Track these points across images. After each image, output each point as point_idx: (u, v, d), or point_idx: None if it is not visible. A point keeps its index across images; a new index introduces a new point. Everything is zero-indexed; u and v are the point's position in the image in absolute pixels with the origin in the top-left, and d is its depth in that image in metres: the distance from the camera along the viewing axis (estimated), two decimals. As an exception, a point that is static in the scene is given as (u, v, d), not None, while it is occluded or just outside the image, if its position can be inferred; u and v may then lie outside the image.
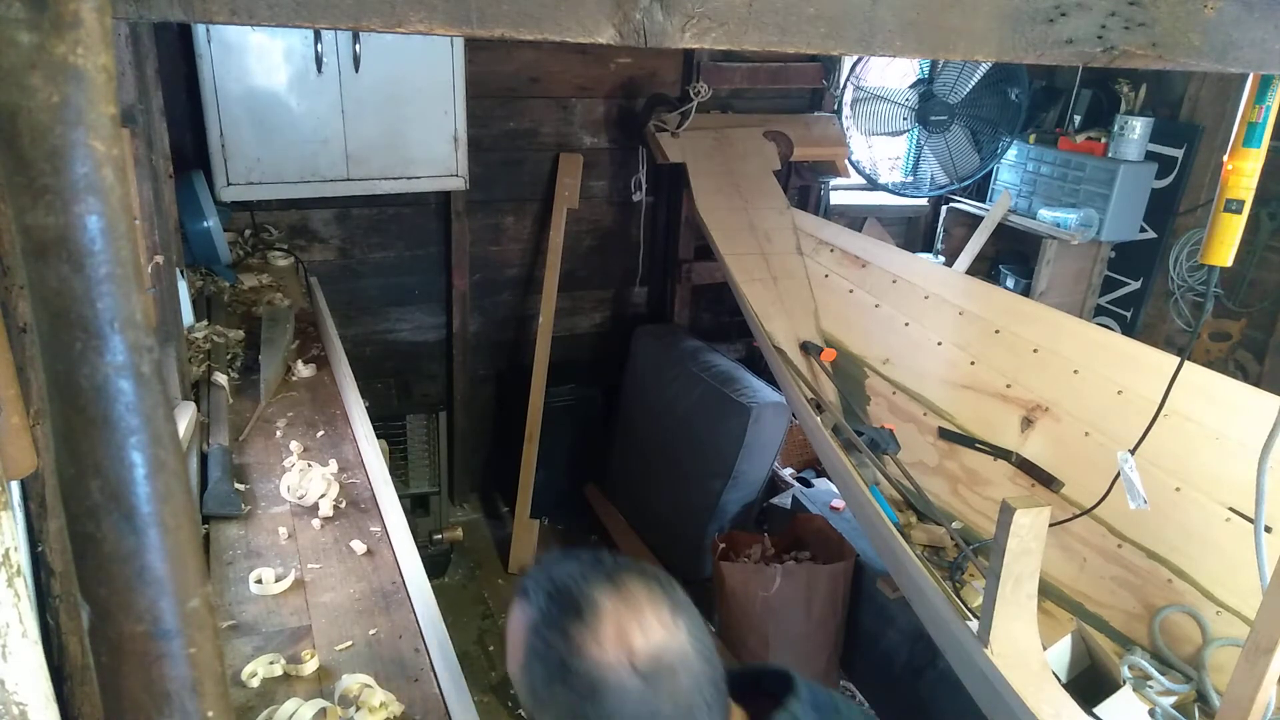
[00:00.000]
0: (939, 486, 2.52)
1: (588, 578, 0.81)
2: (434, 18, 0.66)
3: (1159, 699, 1.81)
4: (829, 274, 2.95)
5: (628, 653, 0.77)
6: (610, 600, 0.79)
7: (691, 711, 0.79)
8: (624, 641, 0.77)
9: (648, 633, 0.78)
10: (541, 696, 0.81)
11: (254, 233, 2.90)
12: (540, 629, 0.80)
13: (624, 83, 3.29)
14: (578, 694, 0.78)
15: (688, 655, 0.80)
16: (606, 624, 0.78)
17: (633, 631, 0.78)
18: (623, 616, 0.79)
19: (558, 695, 0.79)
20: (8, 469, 0.59)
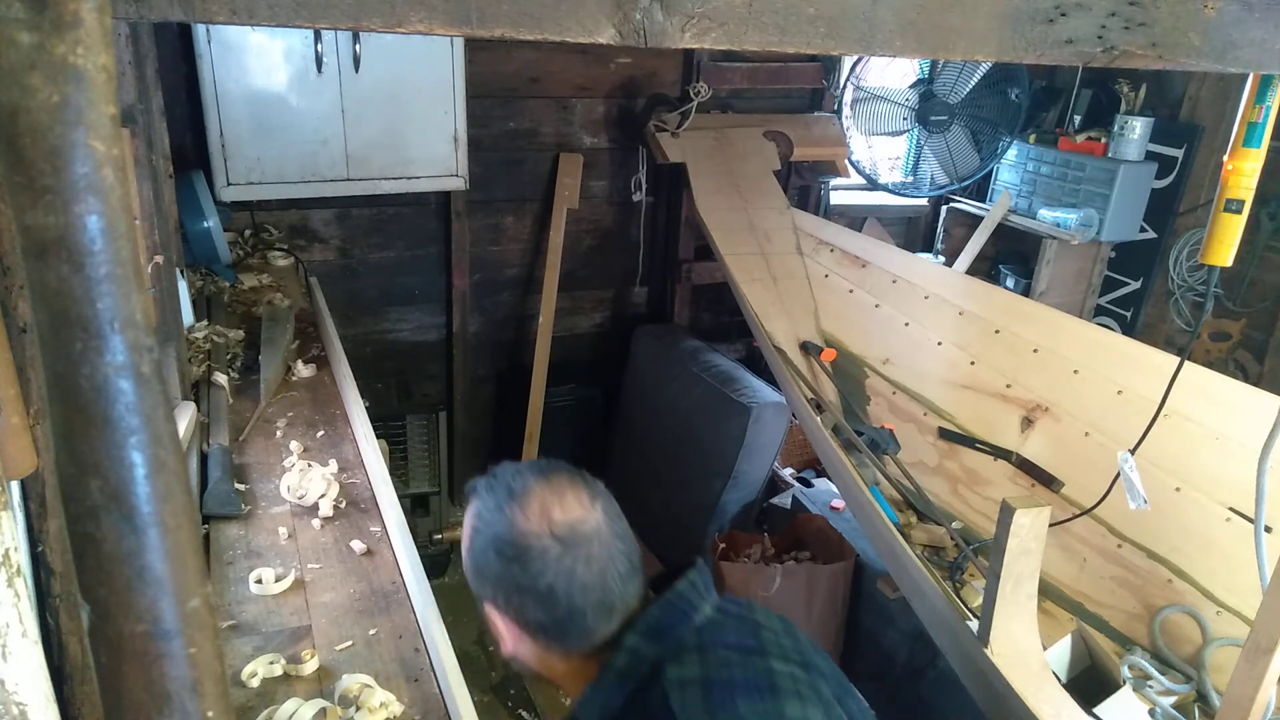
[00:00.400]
0: (939, 486, 2.52)
1: (522, 472, 0.98)
2: (434, 18, 0.66)
3: (1159, 699, 1.81)
4: (829, 274, 2.95)
5: (548, 523, 0.92)
6: (538, 485, 0.95)
7: (604, 575, 0.93)
8: (546, 514, 0.93)
9: (566, 509, 0.94)
10: (481, 568, 0.97)
11: (254, 233, 2.90)
12: (481, 511, 0.97)
13: (624, 83, 3.29)
14: (508, 559, 0.93)
15: (601, 530, 0.94)
16: (532, 501, 0.94)
17: (553, 507, 0.93)
18: (546, 496, 0.94)
19: (493, 564, 0.95)
20: (8, 469, 0.59)
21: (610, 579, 0.94)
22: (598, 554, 0.94)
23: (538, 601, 0.94)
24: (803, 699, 0.91)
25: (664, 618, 0.96)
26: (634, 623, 0.96)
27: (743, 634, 0.98)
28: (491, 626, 1.01)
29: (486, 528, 0.96)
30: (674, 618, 0.96)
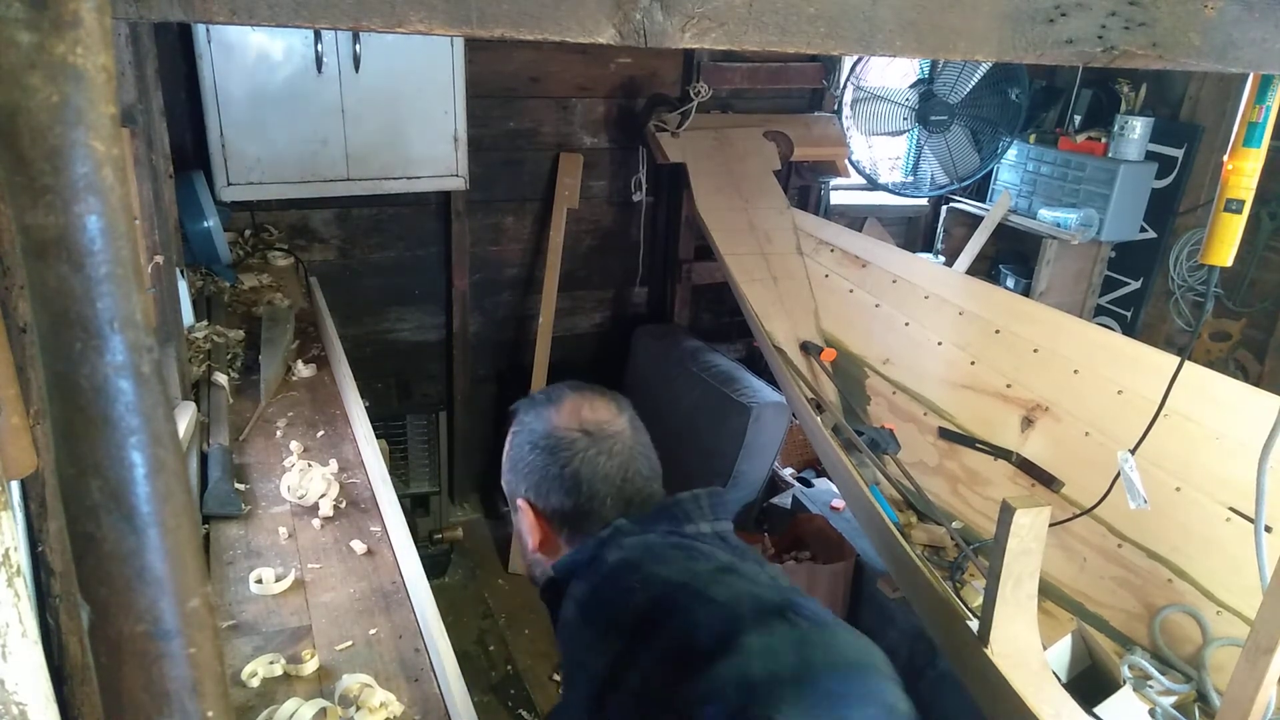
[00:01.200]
0: (939, 486, 2.52)
1: (559, 387, 1.10)
2: (434, 18, 0.66)
3: (1159, 699, 1.81)
4: (829, 274, 2.95)
5: (579, 420, 1.05)
6: (572, 394, 1.08)
7: (625, 469, 1.04)
8: (577, 413, 1.06)
9: (595, 410, 1.07)
10: (516, 462, 1.08)
11: (254, 233, 2.90)
12: (522, 418, 1.09)
13: (624, 83, 3.29)
14: (541, 450, 1.05)
15: (626, 433, 1.06)
16: (566, 404, 1.07)
17: (584, 408, 1.06)
18: (578, 401, 1.07)
19: (527, 456, 1.06)
20: (8, 469, 0.59)
21: (631, 473, 1.05)
22: (620, 450, 1.05)
23: (563, 488, 1.04)
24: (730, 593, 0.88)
25: (658, 513, 1.05)
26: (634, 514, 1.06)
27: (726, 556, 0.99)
28: (518, 529, 1.10)
29: (524, 429, 1.08)
30: (666, 517, 1.04)
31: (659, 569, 0.93)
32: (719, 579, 0.90)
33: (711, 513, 1.05)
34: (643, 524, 1.02)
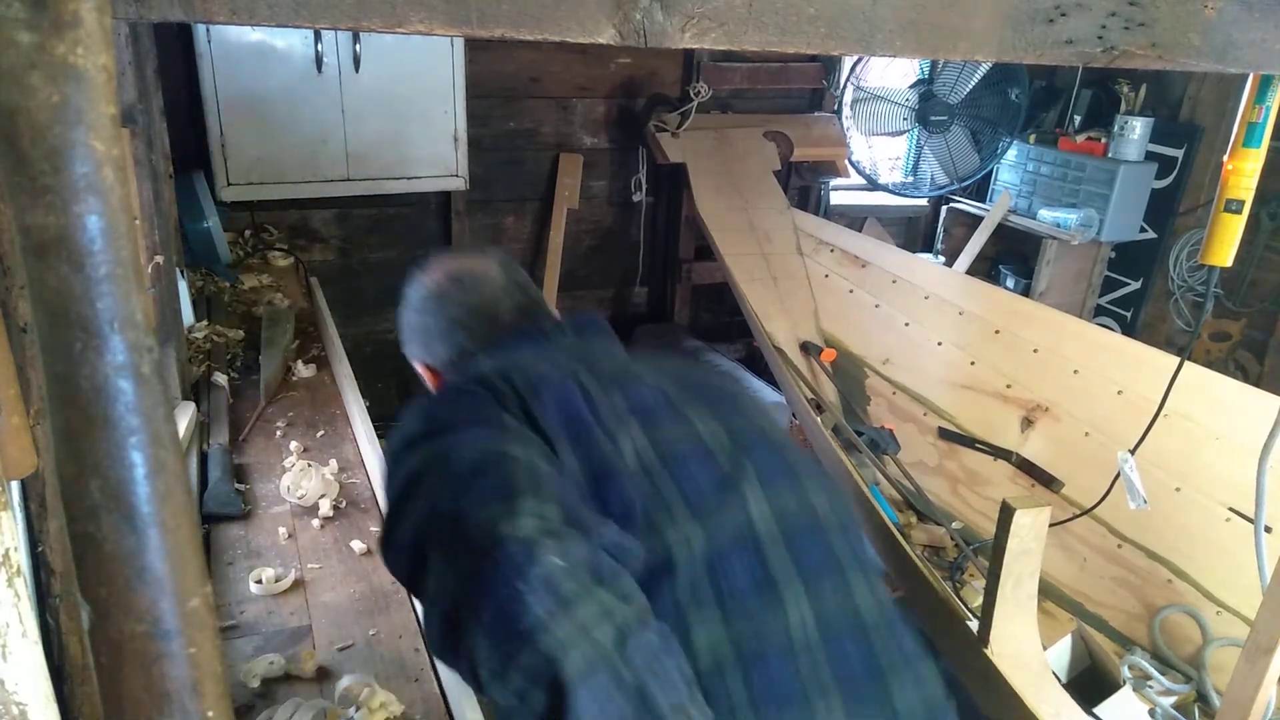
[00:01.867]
0: (939, 486, 2.52)
1: (429, 255, 1.19)
2: (434, 18, 0.66)
3: (1159, 699, 1.81)
4: (829, 274, 2.95)
5: (444, 271, 1.15)
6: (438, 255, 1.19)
7: (495, 307, 1.11)
8: (443, 267, 1.16)
9: (460, 261, 1.17)
10: (407, 333, 1.19)
11: (254, 233, 2.90)
12: (403, 294, 1.19)
13: (624, 83, 3.29)
14: (419, 311, 1.16)
15: (493, 277, 1.13)
16: (433, 265, 1.17)
17: (450, 262, 1.16)
18: (445, 260, 1.18)
19: (411, 321, 1.17)
20: (8, 469, 0.59)
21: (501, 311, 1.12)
22: (489, 292, 1.13)
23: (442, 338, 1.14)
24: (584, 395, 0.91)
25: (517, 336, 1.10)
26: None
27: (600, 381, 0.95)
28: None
29: (405, 301, 1.18)
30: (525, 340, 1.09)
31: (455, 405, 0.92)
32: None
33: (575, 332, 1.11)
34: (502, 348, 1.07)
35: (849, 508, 1.04)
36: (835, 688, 0.85)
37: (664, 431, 0.91)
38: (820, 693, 0.84)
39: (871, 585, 0.96)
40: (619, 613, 0.69)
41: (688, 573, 0.82)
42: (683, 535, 0.84)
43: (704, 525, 0.86)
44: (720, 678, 0.80)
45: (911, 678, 0.91)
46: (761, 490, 0.92)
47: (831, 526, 0.96)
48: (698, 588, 0.83)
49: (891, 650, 0.92)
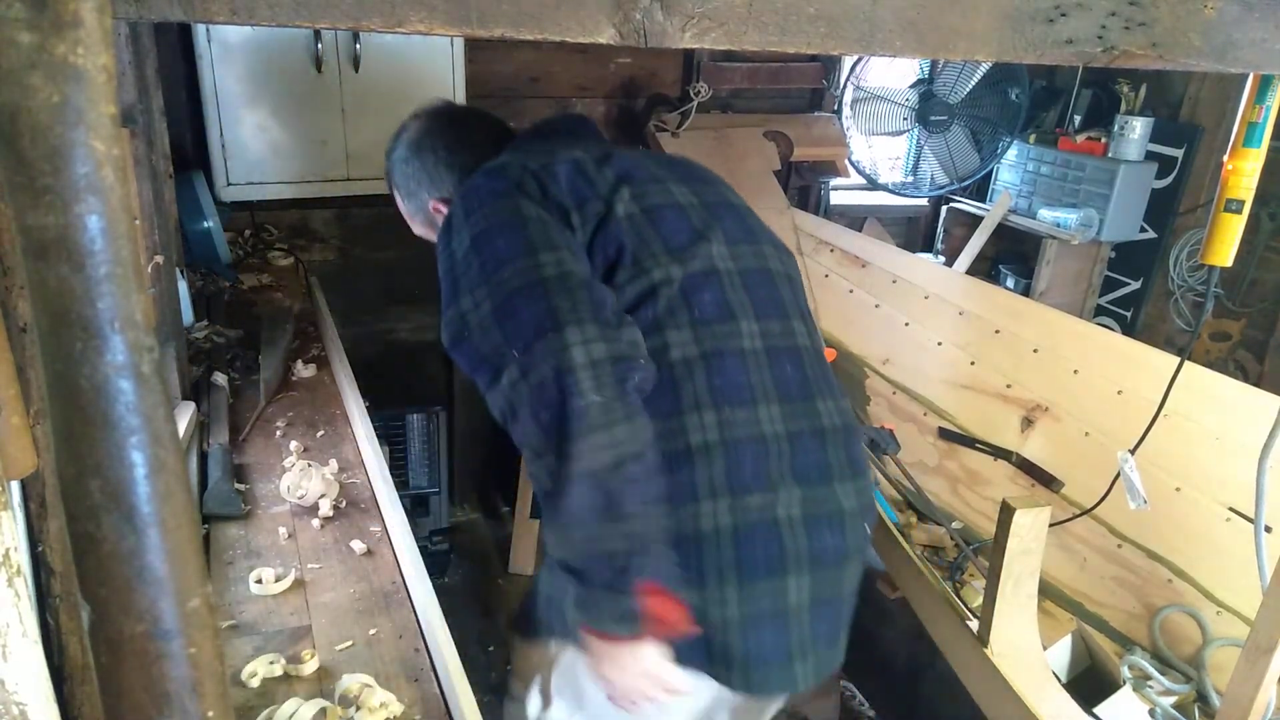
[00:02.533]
0: (939, 486, 2.52)
1: None
2: (434, 18, 0.66)
3: (1159, 699, 1.81)
4: (829, 274, 2.95)
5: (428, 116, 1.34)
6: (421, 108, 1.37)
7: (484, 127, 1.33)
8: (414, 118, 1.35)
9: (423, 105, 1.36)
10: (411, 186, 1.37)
11: (254, 233, 2.90)
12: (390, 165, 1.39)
13: (624, 83, 3.29)
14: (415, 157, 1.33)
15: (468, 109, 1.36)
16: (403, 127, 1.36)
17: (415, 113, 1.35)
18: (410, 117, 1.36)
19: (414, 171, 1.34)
20: (8, 469, 0.59)
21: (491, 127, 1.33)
22: (472, 119, 1.35)
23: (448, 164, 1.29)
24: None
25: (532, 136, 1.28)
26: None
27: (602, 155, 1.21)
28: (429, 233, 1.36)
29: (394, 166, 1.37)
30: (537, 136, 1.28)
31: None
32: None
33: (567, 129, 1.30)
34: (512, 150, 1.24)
35: (796, 267, 1.31)
36: (775, 396, 1.11)
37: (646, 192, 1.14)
38: (764, 397, 1.10)
39: (809, 329, 1.23)
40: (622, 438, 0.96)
41: (666, 298, 1.08)
42: (664, 271, 1.08)
43: (679, 264, 1.10)
44: (689, 375, 1.06)
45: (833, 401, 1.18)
46: (726, 244, 1.17)
47: (780, 279, 1.23)
48: (674, 310, 1.08)
49: (819, 377, 1.19)
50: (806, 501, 1.09)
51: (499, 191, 1.10)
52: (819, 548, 1.10)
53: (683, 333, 1.07)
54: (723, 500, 1.04)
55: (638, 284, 1.07)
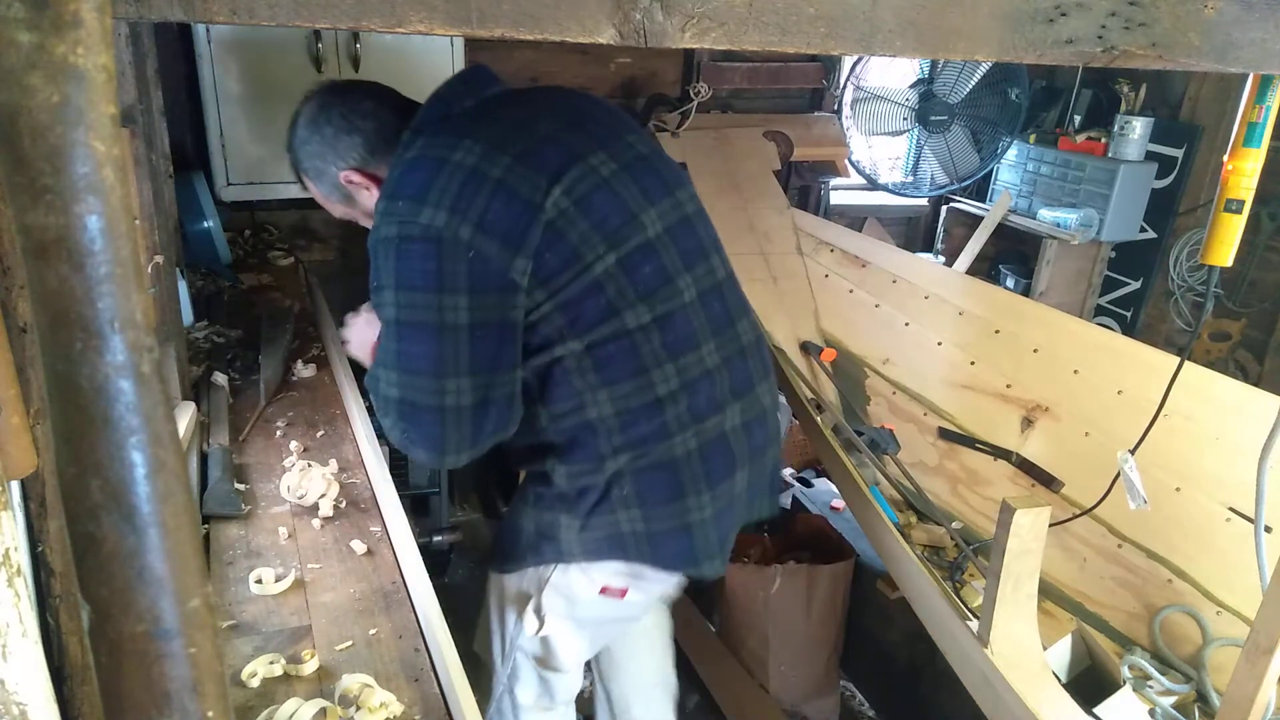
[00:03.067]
0: (939, 486, 2.52)
1: None
2: (434, 18, 0.66)
3: (1159, 699, 1.81)
4: (829, 274, 2.95)
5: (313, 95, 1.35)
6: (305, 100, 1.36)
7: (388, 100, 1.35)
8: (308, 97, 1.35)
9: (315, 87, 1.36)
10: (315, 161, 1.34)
11: (254, 233, 2.90)
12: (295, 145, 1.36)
13: (624, 83, 3.29)
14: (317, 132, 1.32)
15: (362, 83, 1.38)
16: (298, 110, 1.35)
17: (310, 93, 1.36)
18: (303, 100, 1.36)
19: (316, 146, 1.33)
20: (8, 469, 0.59)
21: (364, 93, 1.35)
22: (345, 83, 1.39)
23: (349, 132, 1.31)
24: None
25: (426, 113, 1.29)
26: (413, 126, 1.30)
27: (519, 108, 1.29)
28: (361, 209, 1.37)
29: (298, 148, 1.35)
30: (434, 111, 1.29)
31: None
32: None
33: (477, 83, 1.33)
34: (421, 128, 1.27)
35: (694, 190, 1.41)
36: (710, 332, 1.32)
37: (573, 184, 1.21)
38: (704, 338, 1.30)
39: (721, 258, 1.42)
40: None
41: (612, 285, 1.22)
42: (604, 261, 1.22)
43: (616, 249, 1.23)
44: (646, 340, 1.24)
45: (746, 318, 1.44)
46: (652, 208, 1.28)
47: (695, 220, 1.36)
48: (623, 292, 1.23)
49: (735, 301, 1.41)
50: (743, 411, 1.35)
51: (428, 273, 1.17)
52: (754, 444, 1.37)
53: (635, 308, 1.24)
54: (689, 430, 1.28)
55: (583, 280, 1.21)
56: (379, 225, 1.20)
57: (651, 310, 1.25)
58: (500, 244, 1.16)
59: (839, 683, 2.65)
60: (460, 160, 1.18)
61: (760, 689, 2.53)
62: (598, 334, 1.24)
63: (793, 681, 2.54)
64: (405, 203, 1.17)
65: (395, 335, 1.19)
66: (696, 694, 2.59)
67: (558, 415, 1.27)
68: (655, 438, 1.27)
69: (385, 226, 1.18)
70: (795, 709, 2.54)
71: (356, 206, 1.38)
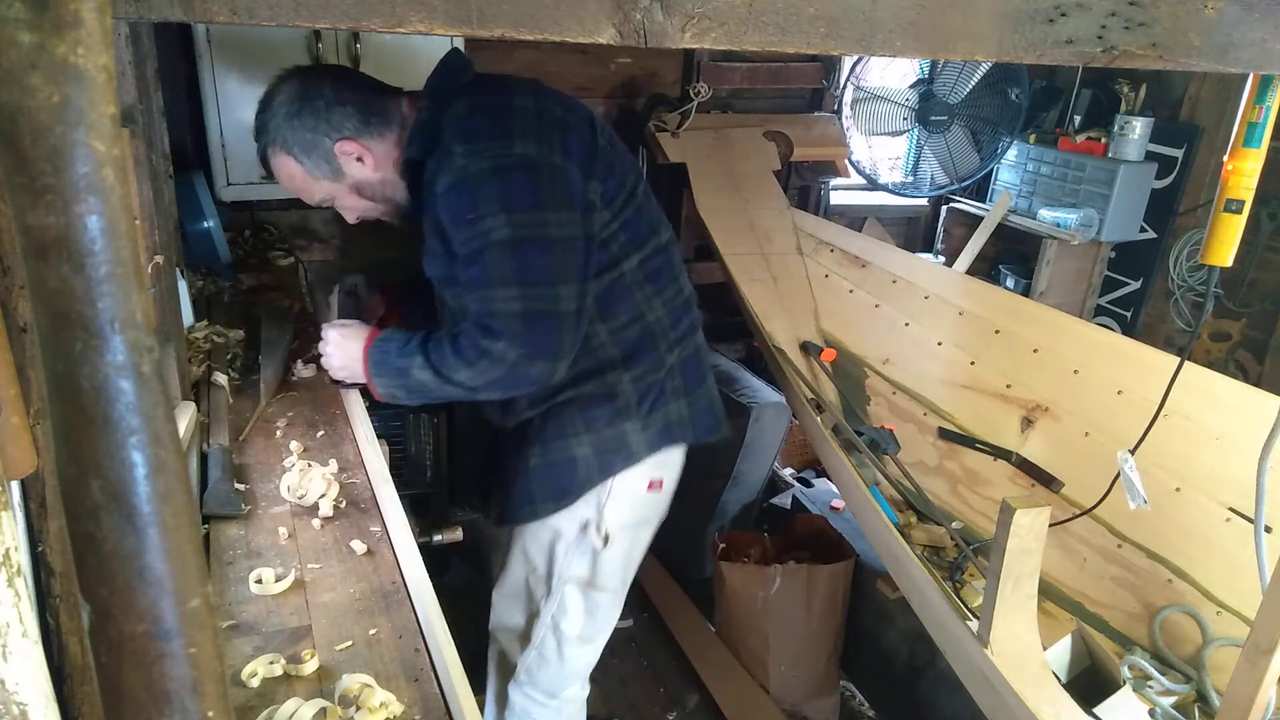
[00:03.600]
0: (939, 486, 2.52)
1: None
2: (434, 18, 0.66)
3: (1159, 699, 1.81)
4: (829, 274, 2.95)
5: (293, 72, 1.43)
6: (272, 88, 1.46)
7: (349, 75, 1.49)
8: (278, 79, 1.44)
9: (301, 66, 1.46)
10: (306, 137, 1.42)
11: (254, 233, 2.90)
12: (269, 127, 1.45)
13: (624, 83, 3.29)
14: (304, 106, 1.39)
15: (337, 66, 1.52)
16: (270, 94, 1.44)
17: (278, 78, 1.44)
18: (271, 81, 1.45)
19: (306, 119, 1.40)
20: (8, 469, 0.59)
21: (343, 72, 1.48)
22: (320, 65, 1.56)
23: (344, 103, 1.38)
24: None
25: (441, 78, 1.43)
26: (419, 94, 1.46)
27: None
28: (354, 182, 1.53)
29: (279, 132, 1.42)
30: (447, 79, 1.44)
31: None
32: None
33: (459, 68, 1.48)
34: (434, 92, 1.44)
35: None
36: (673, 276, 1.63)
37: (600, 123, 1.49)
38: (671, 280, 1.62)
39: (667, 222, 1.67)
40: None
41: (621, 236, 1.49)
42: (636, 188, 1.52)
43: (639, 181, 1.54)
44: (639, 285, 1.54)
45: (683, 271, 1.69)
46: (635, 178, 1.54)
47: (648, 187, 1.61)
48: (625, 246, 1.50)
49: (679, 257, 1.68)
50: (697, 332, 1.70)
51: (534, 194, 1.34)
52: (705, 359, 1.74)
53: (630, 259, 1.51)
54: (674, 350, 1.61)
55: (632, 203, 1.50)
56: (465, 164, 1.32)
57: (643, 263, 1.54)
58: (580, 170, 1.38)
59: (839, 683, 2.65)
60: (523, 104, 1.37)
61: (760, 689, 2.53)
62: (648, 249, 1.54)
63: (793, 681, 2.54)
64: (490, 140, 1.32)
65: (511, 254, 1.33)
66: (696, 694, 2.60)
67: (619, 328, 1.52)
68: (690, 332, 1.65)
69: (476, 161, 1.32)
70: (795, 709, 2.54)
71: (344, 180, 1.50)
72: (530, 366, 1.36)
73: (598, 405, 1.55)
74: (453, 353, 1.40)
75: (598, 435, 1.56)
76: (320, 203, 1.58)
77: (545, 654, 1.74)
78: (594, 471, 1.58)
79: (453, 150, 1.34)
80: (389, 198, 1.58)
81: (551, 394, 1.55)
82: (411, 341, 1.49)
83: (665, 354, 1.58)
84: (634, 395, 1.56)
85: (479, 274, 1.36)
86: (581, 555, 1.65)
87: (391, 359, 1.51)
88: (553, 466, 1.59)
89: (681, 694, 2.61)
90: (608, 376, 1.54)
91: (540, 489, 1.61)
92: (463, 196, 1.33)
